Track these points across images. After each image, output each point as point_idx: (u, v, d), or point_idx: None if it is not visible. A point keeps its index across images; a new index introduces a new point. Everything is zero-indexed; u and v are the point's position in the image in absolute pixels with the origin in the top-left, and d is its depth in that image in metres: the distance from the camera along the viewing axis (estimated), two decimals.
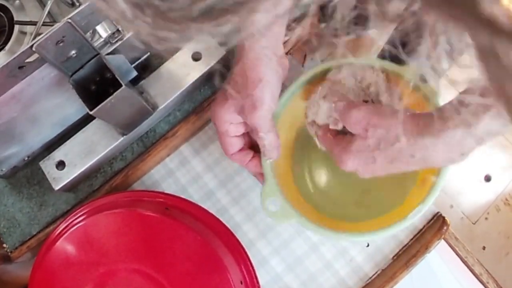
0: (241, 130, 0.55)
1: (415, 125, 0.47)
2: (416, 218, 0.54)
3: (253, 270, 0.54)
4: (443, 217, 0.64)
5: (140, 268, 0.51)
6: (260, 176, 0.58)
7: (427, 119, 0.46)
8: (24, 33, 0.56)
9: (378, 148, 0.48)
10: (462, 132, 0.45)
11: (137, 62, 0.63)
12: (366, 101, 0.55)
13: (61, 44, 0.45)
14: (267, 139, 0.54)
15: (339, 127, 0.53)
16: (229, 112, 0.53)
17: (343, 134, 0.51)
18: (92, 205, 0.56)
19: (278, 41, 0.56)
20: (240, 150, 0.57)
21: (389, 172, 0.50)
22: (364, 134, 0.48)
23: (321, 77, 0.59)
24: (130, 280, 0.52)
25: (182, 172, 0.69)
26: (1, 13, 0.56)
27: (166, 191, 0.68)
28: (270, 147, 0.54)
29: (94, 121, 0.63)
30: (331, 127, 0.53)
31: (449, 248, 0.65)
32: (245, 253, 0.55)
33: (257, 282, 0.54)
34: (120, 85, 0.51)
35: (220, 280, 0.50)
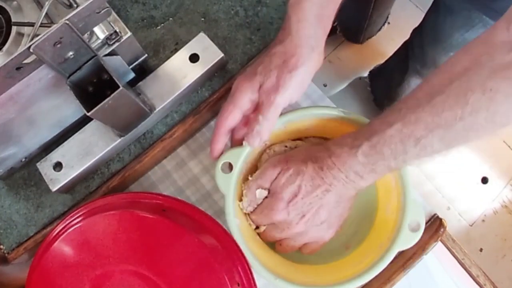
0: (249, 107, 0.55)
1: (323, 150, 0.54)
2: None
3: (250, 272, 0.54)
4: (440, 219, 0.64)
5: (137, 270, 0.51)
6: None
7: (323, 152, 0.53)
8: (21, 34, 0.56)
9: (297, 180, 0.54)
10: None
11: (134, 64, 0.63)
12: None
13: (58, 46, 0.45)
14: (262, 125, 0.53)
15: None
16: (252, 87, 0.53)
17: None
18: (89, 207, 0.56)
19: (324, 34, 0.56)
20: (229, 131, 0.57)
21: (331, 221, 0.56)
22: (279, 188, 0.55)
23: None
24: (127, 282, 0.52)
25: (179, 174, 0.69)
26: None
27: (163, 193, 0.68)
28: (257, 134, 0.54)
29: (91, 122, 0.63)
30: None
31: (446, 250, 0.65)
32: (242, 254, 0.54)
33: (254, 284, 0.54)
34: (118, 87, 0.51)
35: (217, 282, 0.50)
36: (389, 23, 1.71)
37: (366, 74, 1.72)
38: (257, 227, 0.59)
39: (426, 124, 0.45)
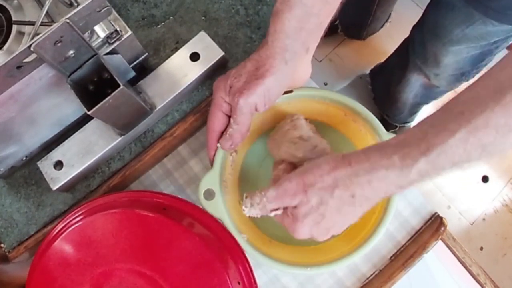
0: (227, 108, 0.56)
1: (347, 166, 0.46)
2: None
3: (251, 270, 0.54)
4: (441, 218, 0.64)
5: (138, 269, 0.51)
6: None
7: (358, 157, 0.47)
8: (22, 33, 0.56)
9: (322, 203, 0.48)
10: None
11: (135, 63, 0.63)
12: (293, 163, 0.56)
13: (59, 44, 0.45)
14: (233, 128, 0.55)
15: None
16: (223, 88, 0.54)
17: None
18: (90, 205, 0.56)
19: (303, 48, 0.55)
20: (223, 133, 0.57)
21: (341, 224, 0.51)
22: (305, 197, 0.48)
23: None
24: (127, 281, 0.52)
25: (180, 173, 0.69)
26: None
27: (163, 191, 0.69)
28: (229, 137, 0.56)
29: (92, 121, 0.63)
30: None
31: (447, 249, 0.65)
32: (243, 253, 0.54)
33: (255, 282, 0.54)
34: (118, 85, 0.51)
35: (218, 280, 0.50)
36: (390, 22, 1.71)
37: (366, 72, 1.72)
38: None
39: (496, 129, 0.39)
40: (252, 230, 0.62)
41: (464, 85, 1.13)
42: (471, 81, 1.08)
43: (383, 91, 1.58)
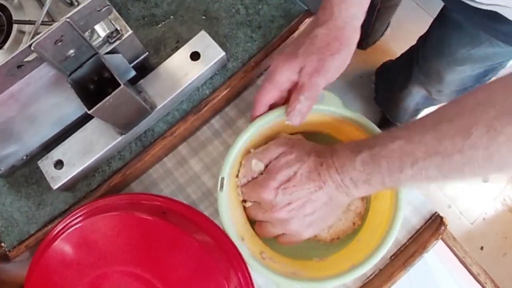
0: (289, 85, 0.56)
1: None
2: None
3: (249, 275, 0.54)
4: (441, 217, 0.64)
5: (136, 272, 0.51)
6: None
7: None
8: (22, 32, 0.56)
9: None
10: None
11: (135, 62, 0.63)
12: None
13: (59, 44, 0.45)
14: (303, 104, 0.54)
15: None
16: (292, 68, 0.54)
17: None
18: (90, 207, 0.56)
19: (364, 10, 0.55)
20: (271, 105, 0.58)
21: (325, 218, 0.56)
22: (276, 168, 0.54)
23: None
24: (125, 283, 0.51)
25: (180, 172, 0.69)
26: (0, 12, 0.56)
27: (164, 191, 0.69)
28: (299, 112, 0.55)
29: (92, 120, 0.63)
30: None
31: (447, 248, 0.65)
32: (241, 258, 0.54)
33: (253, 286, 0.54)
34: (119, 85, 0.51)
35: (216, 285, 0.50)
36: (389, 28, 1.71)
37: (367, 72, 1.72)
38: (244, 201, 0.59)
39: (426, 147, 0.45)
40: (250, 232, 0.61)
41: None
42: None
43: (385, 95, 1.58)
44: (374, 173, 0.48)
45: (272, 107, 0.58)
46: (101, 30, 0.56)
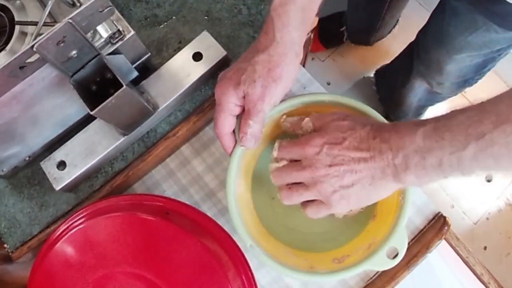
0: (238, 111, 0.55)
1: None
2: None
3: (252, 276, 0.54)
4: (444, 217, 0.64)
5: (139, 273, 0.51)
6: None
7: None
8: (25, 33, 0.56)
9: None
10: None
11: (138, 63, 0.63)
12: None
13: (62, 44, 0.45)
14: (253, 128, 0.54)
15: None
16: (236, 95, 0.53)
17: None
18: (92, 208, 0.56)
19: (305, 37, 0.55)
20: (232, 131, 0.57)
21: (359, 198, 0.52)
22: (327, 129, 0.53)
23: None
24: (128, 284, 0.51)
25: (183, 173, 0.69)
26: (2, 13, 0.56)
27: (167, 192, 0.69)
28: (252, 136, 0.55)
29: (95, 121, 0.63)
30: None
31: (450, 248, 0.65)
32: (244, 259, 0.54)
33: (256, 287, 0.54)
34: (121, 85, 0.51)
35: (219, 286, 0.50)
36: (397, 26, 1.71)
37: (370, 72, 1.71)
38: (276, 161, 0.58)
39: (497, 116, 0.41)
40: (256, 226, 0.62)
41: (468, 89, 1.13)
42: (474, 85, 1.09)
43: (387, 94, 1.57)
44: (434, 149, 0.45)
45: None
46: (103, 31, 0.56)
